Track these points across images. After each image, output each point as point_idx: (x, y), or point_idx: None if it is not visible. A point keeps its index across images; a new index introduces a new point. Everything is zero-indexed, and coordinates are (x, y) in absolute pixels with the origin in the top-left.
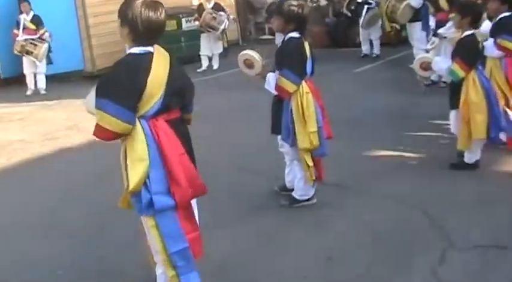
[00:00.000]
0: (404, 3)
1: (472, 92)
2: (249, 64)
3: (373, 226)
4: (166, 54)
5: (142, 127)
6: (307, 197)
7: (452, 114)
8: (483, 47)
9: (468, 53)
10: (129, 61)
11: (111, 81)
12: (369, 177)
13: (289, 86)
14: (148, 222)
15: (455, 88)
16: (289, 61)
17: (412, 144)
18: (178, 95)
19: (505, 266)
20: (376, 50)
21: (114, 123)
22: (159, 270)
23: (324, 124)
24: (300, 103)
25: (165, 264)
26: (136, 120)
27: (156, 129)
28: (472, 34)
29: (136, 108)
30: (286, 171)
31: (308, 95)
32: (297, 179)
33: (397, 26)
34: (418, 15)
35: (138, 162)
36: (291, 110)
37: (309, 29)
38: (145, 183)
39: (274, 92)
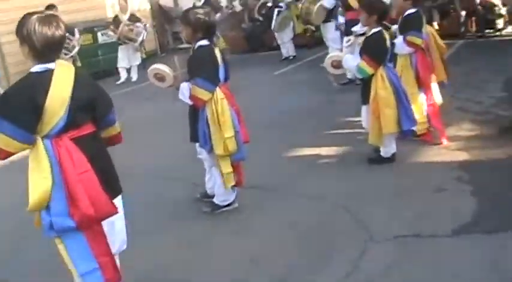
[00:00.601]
0: (318, 4)
1: (381, 88)
2: (160, 77)
3: (295, 226)
4: (71, 69)
5: (44, 146)
6: (228, 202)
7: (364, 109)
8: (392, 44)
9: (375, 50)
10: (28, 80)
11: (7, 101)
12: (289, 178)
13: (203, 94)
14: (57, 243)
15: (366, 84)
16: (200, 70)
17: (329, 142)
18: (87, 109)
19: (423, 254)
20: (291, 52)
21: (8, 143)
22: None
23: (241, 128)
24: (214, 109)
25: None
26: (40, 139)
27: (58, 148)
28: (379, 31)
29: (35, 127)
30: (207, 178)
31: (223, 100)
32: (217, 185)
33: (313, 28)
34: (330, 15)
35: (40, 180)
36: (207, 116)
37: (226, 35)
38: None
39: (189, 102)
